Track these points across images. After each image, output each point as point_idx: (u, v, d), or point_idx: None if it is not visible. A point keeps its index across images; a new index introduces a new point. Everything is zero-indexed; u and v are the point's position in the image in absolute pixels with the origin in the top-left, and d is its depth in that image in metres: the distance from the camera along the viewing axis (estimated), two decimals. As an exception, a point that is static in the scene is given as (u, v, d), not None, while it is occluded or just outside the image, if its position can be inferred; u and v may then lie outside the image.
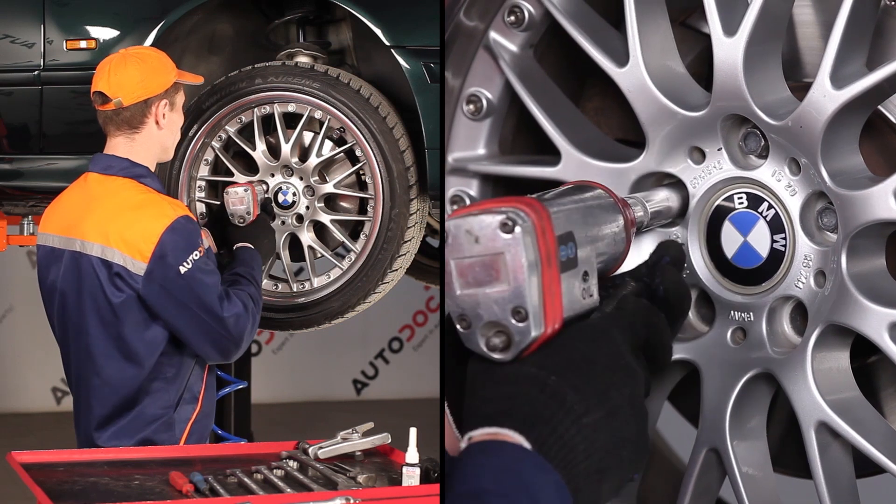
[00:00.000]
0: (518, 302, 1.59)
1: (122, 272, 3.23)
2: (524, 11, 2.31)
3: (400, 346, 10.05)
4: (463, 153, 2.39)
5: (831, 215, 2.01)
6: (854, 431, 1.99)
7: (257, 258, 3.50)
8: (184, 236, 3.23)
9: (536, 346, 1.61)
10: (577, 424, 1.55)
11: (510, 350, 1.60)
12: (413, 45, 3.64)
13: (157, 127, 3.37)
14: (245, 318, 3.29)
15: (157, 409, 3.31)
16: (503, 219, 1.59)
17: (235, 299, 3.27)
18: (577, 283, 1.67)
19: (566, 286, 1.65)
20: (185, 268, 3.21)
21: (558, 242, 1.64)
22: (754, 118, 2.03)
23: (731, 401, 2.09)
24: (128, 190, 3.32)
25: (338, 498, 2.65)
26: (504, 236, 1.59)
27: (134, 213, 3.27)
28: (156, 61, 3.42)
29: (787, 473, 2.31)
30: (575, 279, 1.67)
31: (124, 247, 3.23)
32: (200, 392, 3.40)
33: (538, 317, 1.60)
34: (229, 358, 3.36)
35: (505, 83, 2.35)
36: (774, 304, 2.07)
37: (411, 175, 3.65)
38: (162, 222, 3.23)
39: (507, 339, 1.60)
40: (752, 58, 2.03)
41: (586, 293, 1.69)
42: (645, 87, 2.13)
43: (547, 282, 1.61)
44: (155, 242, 3.21)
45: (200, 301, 3.23)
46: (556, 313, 1.62)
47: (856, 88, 1.94)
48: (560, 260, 1.64)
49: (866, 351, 2.08)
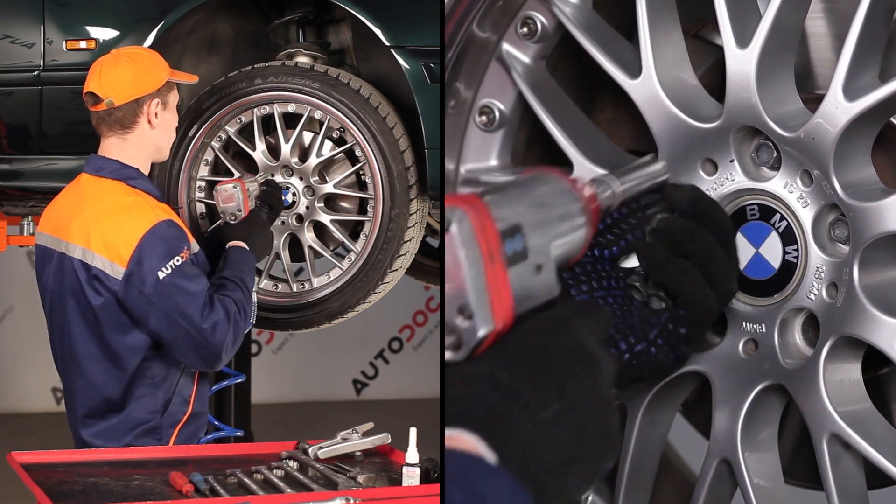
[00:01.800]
0: (461, 301, 1.57)
1: (100, 275, 3.21)
2: (537, 23, 2.31)
3: (400, 346, 10.04)
4: (475, 164, 2.39)
5: (843, 227, 2.01)
6: (866, 443, 1.99)
7: (249, 258, 3.45)
8: (164, 241, 3.19)
9: (488, 345, 1.58)
10: (533, 419, 1.52)
11: (461, 350, 1.58)
12: (413, 45, 3.64)
13: (150, 126, 3.35)
14: (225, 326, 3.20)
15: (143, 414, 3.29)
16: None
17: (218, 306, 3.20)
18: (529, 275, 1.65)
19: (517, 280, 1.62)
20: (164, 273, 3.16)
21: (503, 237, 1.62)
22: (767, 130, 2.04)
23: (742, 412, 2.10)
24: (115, 193, 3.30)
25: (338, 498, 2.65)
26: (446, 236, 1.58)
27: (116, 217, 3.24)
28: (147, 60, 3.40)
29: (798, 485, 2.31)
30: (526, 272, 1.65)
31: (104, 250, 3.21)
32: (191, 395, 3.37)
33: (485, 314, 1.57)
34: (212, 366, 3.29)
35: (517, 95, 2.35)
36: (786, 316, 2.08)
37: (411, 175, 3.65)
38: (142, 226, 3.19)
39: (458, 338, 1.58)
40: (764, 70, 2.03)
41: (541, 285, 1.67)
42: (657, 99, 2.13)
43: (491, 278, 1.58)
44: (134, 247, 3.18)
45: (179, 308, 3.17)
46: (504, 309, 1.59)
47: (868, 100, 1.95)
48: (506, 255, 1.62)
49: (878, 362, 2.09)
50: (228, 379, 4.22)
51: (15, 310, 9.08)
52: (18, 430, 8.36)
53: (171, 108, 3.42)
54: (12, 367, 9.05)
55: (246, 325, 3.34)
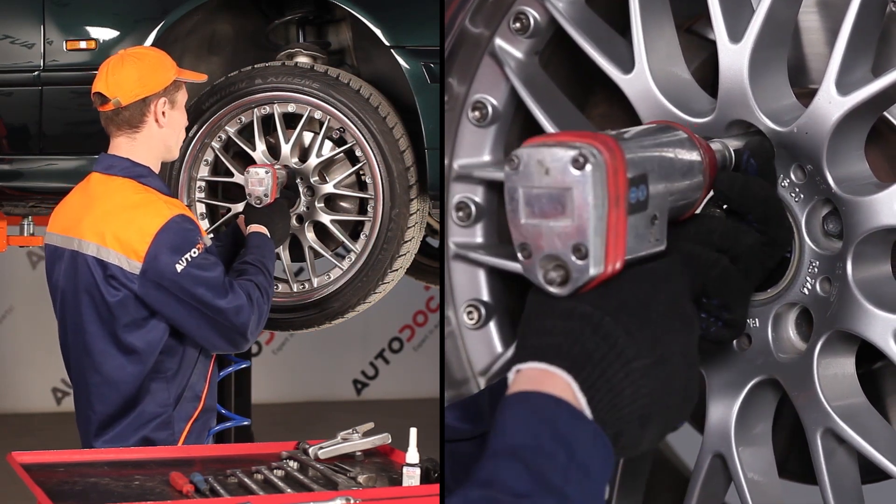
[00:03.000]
0: (580, 239, 1.59)
1: (117, 272, 3.23)
2: (530, 18, 2.31)
3: (400, 346, 10.04)
4: (468, 160, 2.39)
5: (837, 221, 2.01)
6: (860, 437, 1.99)
7: (269, 244, 3.52)
8: (179, 235, 3.23)
9: (594, 285, 1.60)
10: (625, 368, 1.56)
11: (567, 285, 1.60)
12: (413, 45, 3.64)
13: (158, 125, 3.37)
14: (248, 309, 3.29)
15: (155, 408, 3.31)
16: (576, 154, 1.58)
17: (239, 290, 3.27)
18: (644, 225, 1.66)
19: (632, 228, 1.64)
20: (181, 266, 3.21)
21: (629, 184, 1.63)
22: (760, 124, 2.03)
23: (736, 407, 2.10)
24: (126, 190, 3.33)
25: (338, 498, 2.65)
26: (574, 172, 1.58)
27: (129, 213, 3.27)
28: (154, 60, 3.42)
29: (792, 479, 2.31)
30: (642, 222, 1.66)
31: (119, 247, 3.23)
32: (204, 390, 3.41)
33: (599, 256, 1.59)
34: (238, 347, 3.39)
35: (510, 90, 2.35)
36: (780, 311, 2.07)
37: (411, 175, 3.66)
38: (157, 221, 3.23)
39: (566, 274, 1.60)
40: (757, 64, 2.03)
41: (653, 237, 1.69)
42: (650, 94, 2.13)
43: (612, 222, 1.60)
44: (149, 242, 3.21)
45: (198, 297, 3.23)
46: (618, 254, 1.61)
47: (861, 95, 1.94)
48: (629, 202, 1.63)
49: (872, 357, 2.08)
50: (231, 366, 4.23)
51: (15, 310, 9.09)
52: (18, 430, 8.36)
53: (180, 107, 3.44)
54: (12, 367, 9.06)
55: (268, 303, 3.40)
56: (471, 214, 2.44)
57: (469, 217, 2.44)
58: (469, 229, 2.45)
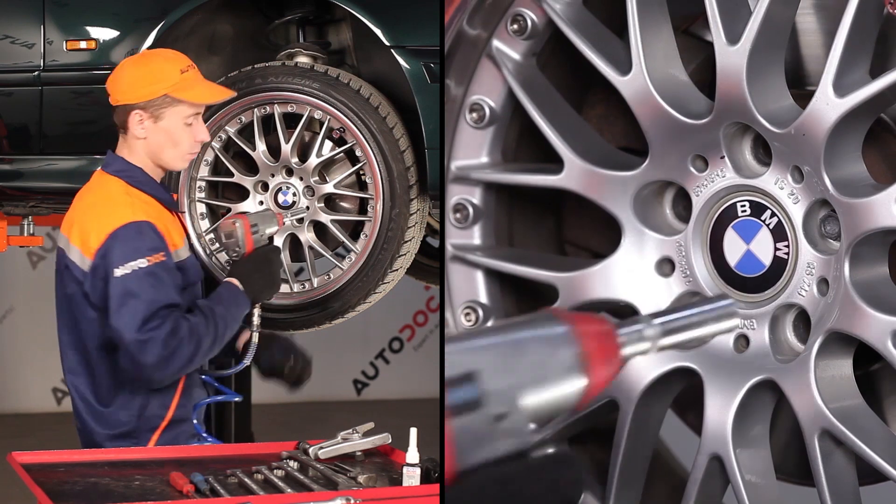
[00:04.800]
0: None
1: (70, 265, 3.20)
2: (527, 20, 2.31)
3: (400, 346, 10.02)
4: (466, 161, 2.40)
5: (834, 223, 2.01)
6: (857, 439, 1.99)
7: (235, 296, 3.31)
8: (133, 239, 3.13)
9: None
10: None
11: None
12: (413, 45, 3.63)
13: (135, 136, 3.29)
14: (158, 346, 3.06)
15: (121, 416, 3.26)
16: None
17: (166, 325, 3.07)
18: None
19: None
20: (122, 272, 3.09)
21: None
22: (757, 126, 2.04)
23: (733, 408, 2.10)
24: (108, 188, 3.28)
25: (338, 498, 2.65)
26: None
27: (96, 210, 3.21)
28: (149, 70, 3.30)
29: (789, 481, 2.31)
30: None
31: (79, 242, 3.19)
32: (172, 401, 3.30)
33: None
34: (140, 381, 3.16)
35: (508, 92, 2.35)
36: (777, 312, 2.08)
37: (411, 175, 3.65)
38: (116, 222, 3.15)
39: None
40: (755, 66, 2.03)
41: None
42: (648, 96, 2.13)
43: None
44: (102, 240, 3.13)
45: (118, 310, 3.08)
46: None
47: (858, 97, 1.95)
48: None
49: (869, 359, 2.09)
50: (221, 396, 3.96)
51: (15, 310, 9.08)
52: (18, 431, 8.35)
53: (173, 123, 3.28)
54: (12, 367, 9.05)
55: (198, 354, 3.18)
56: (468, 216, 2.44)
57: (466, 218, 2.44)
58: (466, 231, 2.45)
